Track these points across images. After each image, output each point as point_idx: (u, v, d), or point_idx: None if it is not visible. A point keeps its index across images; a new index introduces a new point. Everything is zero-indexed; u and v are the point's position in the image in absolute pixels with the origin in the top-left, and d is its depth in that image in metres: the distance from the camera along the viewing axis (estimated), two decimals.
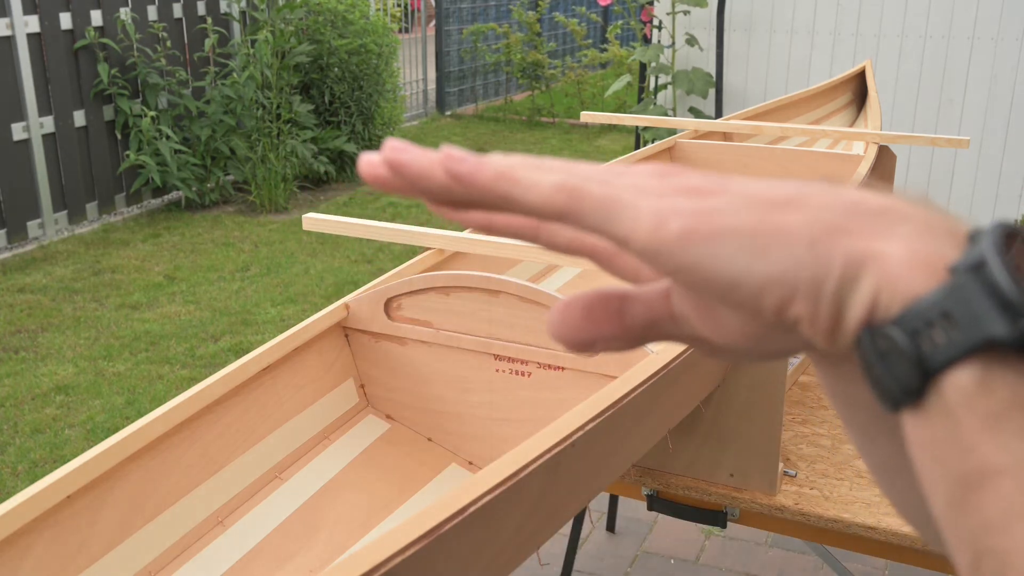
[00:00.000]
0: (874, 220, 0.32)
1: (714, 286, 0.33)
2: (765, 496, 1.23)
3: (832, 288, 0.31)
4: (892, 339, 0.30)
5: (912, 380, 0.30)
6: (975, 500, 0.28)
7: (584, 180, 0.34)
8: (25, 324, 3.67)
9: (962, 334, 0.29)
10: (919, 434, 0.30)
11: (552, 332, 0.40)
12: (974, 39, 4.17)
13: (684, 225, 0.32)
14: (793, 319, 0.32)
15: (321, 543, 1.03)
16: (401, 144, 0.35)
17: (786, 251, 0.32)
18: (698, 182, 0.34)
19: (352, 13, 5.70)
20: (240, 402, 1.08)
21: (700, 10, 4.62)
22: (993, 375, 0.29)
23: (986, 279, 0.29)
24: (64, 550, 0.88)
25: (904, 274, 0.30)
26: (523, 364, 1.16)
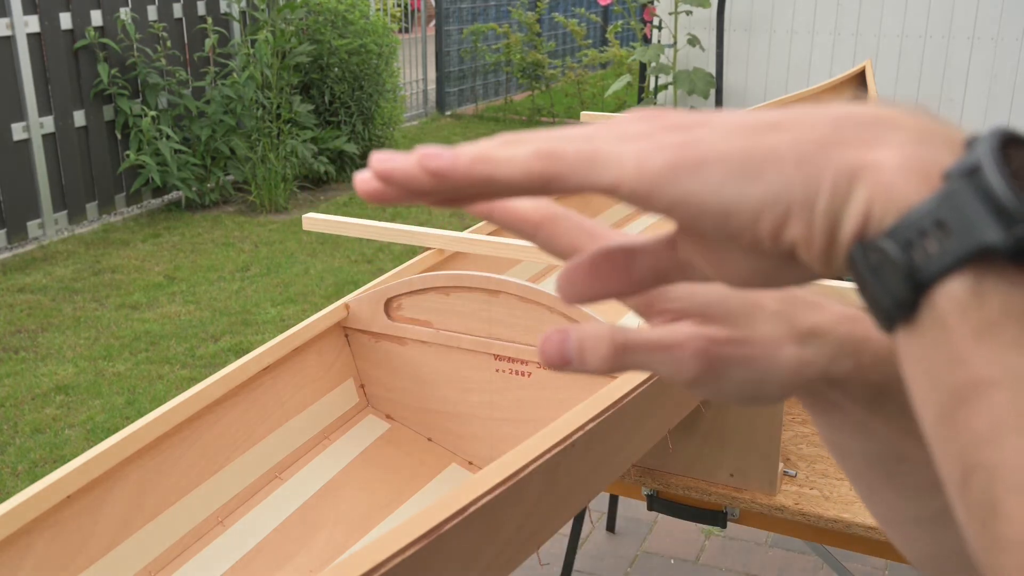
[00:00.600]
0: (865, 130, 0.30)
1: (708, 217, 0.32)
2: (765, 496, 1.23)
3: (824, 204, 0.30)
4: (884, 251, 0.29)
5: (905, 292, 0.29)
6: (965, 413, 0.28)
7: (560, 141, 0.33)
8: (25, 324, 3.67)
9: (955, 242, 0.28)
10: (912, 350, 0.29)
11: (561, 293, 0.39)
12: (974, 39, 4.17)
13: (669, 158, 0.32)
14: (790, 242, 0.31)
15: (321, 543, 1.03)
16: (385, 155, 0.34)
17: (775, 172, 0.30)
18: (681, 118, 0.33)
19: (352, 13, 5.70)
20: (240, 402, 1.08)
21: (700, 10, 4.63)
22: (987, 284, 0.28)
23: (981, 184, 0.28)
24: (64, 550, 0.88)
25: (897, 182, 0.29)
26: (523, 364, 1.16)
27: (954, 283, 0.28)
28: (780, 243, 0.32)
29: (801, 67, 4.49)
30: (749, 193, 0.31)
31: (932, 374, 0.29)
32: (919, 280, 0.28)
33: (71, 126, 4.72)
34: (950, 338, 0.28)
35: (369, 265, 4.33)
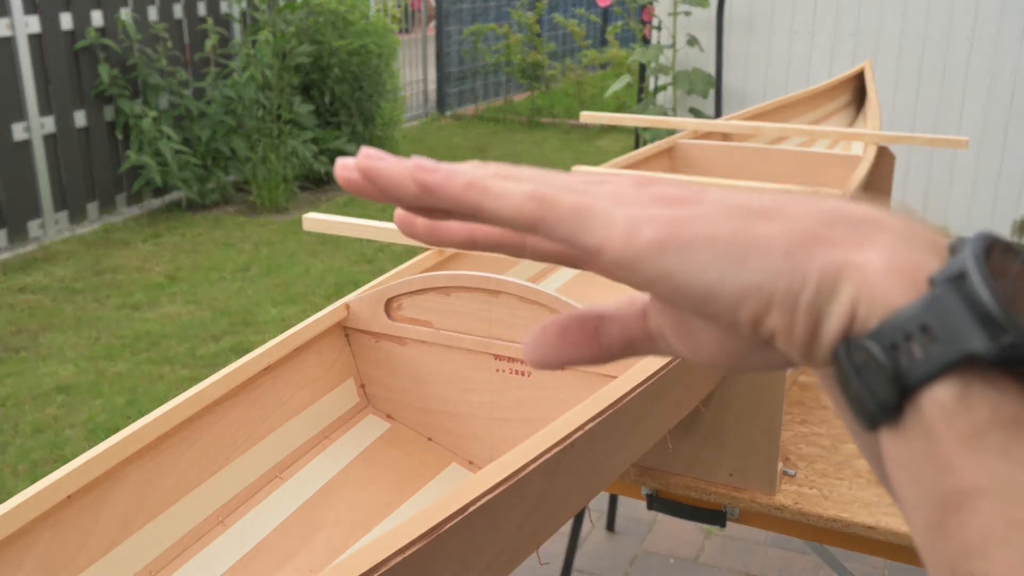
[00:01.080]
0: (853, 230, 0.31)
1: (689, 297, 0.32)
2: (765, 496, 1.24)
3: (808, 299, 0.30)
4: (869, 352, 0.29)
5: (889, 395, 0.29)
6: (954, 522, 0.27)
7: (556, 189, 0.33)
8: (26, 324, 3.67)
9: (941, 349, 0.28)
10: (897, 452, 0.29)
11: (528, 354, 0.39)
12: (974, 39, 4.17)
13: (658, 233, 0.31)
14: (769, 332, 0.31)
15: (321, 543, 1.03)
16: (376, 152, 0.34)
17: (762, 261, 0.31)
18: (675, 191, 0.33)
19: (352, 14, 5.70)
20: (240, 402, 1.08)
21: (700, 11, 4.63)
22: (973, 391, 0.28)
23: (967, 291, 0.28)
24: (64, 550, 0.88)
25: (883, 284, 0.29)
26: (523, 364, 1.16)
27: (940, 388, 0.28)
28: (759, 331, 0.32)
29: (801, 67, 4.49)
30: (734, 278, 0.31)
31: (919, 481, 0.28)
32: (904, 384, 0.28)
33: (72, 126, 4.73)
34: (936, 445, 0.28)
35: (369, 265, 4.33)
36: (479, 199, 0.33)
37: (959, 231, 2.72)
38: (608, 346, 0.39)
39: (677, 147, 2.10)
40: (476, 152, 6.82)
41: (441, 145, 7.07)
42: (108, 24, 4.87)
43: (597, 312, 0.39)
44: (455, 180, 0.33)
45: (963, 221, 4.33)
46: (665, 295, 0.32)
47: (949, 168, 4.34)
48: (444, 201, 0.34)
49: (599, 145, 7.04)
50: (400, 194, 0.34)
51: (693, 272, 0.31)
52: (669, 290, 0.32)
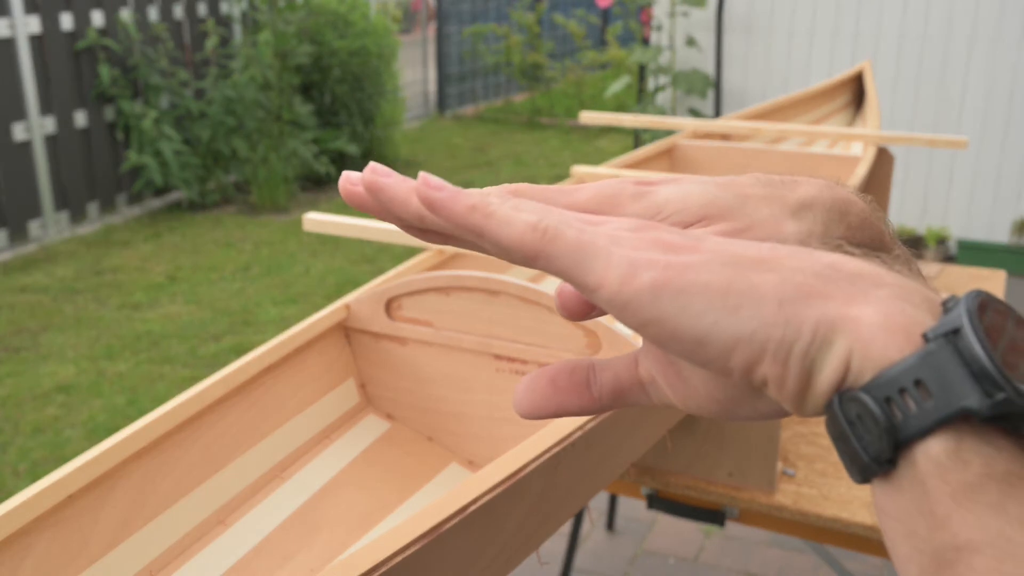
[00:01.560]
0: (848, 284, 0.31)
1: (682, 342, 0.32)
2: (764, 495, 1.24)
3: (802, 350, 0.30)
4: (864, 405, 0.29)
5: (883, 448, 0.29)
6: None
7: (559, 223, 0.33)
8: (26, 324, 3.67)
9: (935, 404, 0.28)
10: (890, 505, 0.30)
11: (517, 405, 0.40)
12: (973, 39, 4.17)
13: (655, 277, 0.32)
14: (761, 380, 0.32)
15: (322, 542, 1.04)
16: (384, 169, 0.35)
17: (756, 310, 0.31)
18: (674, 238, 0.34)
19: (353, 14, 5.70)
20: (241, 402, 1.08)
21: (699, 12, 4.63)
22: (966, 446, 0.28)
23: (961, 348, 0.28)
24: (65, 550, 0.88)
25: (878, 339, 0.29)
26: (523, 364, 1.16)
27: (933, 443, 0.28)
28: (751, 378, 0.32)
29: (800, 68, 4.50)
30: (727, 326, 0.31)
31: (912, 535, 0.29)
32: (898, 437, 0.29)
33: (72, 126, 4.73)
34: (930, 499, 0.28)
35: (369, 265, 4.33)
36: (482, 224, 0.33)
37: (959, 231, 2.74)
38: (599, 395, 0.39)
39: (676, 147, 2.10)
40: (476, 152, 6.82)
41: (441, 145, 7.07)
42: (109, 24, 4.88)
43: (587, 362, 0.40)
44: (460, 201, 0.33)
45: (963, 221, 4.34)
46: (658, 339, 0.33)
47: (949, 168, 4.34)
48: (446, 221, 0.34)
49: (599, 145, 7.04)
50: (402, 212, 0.35)
51: (687, 318, 0.31)
52: (662, 334, 0.32)
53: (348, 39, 5.68)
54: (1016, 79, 4.14)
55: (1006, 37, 4.12)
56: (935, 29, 4.23)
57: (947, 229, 4.33)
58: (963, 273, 2.03)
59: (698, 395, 0.36)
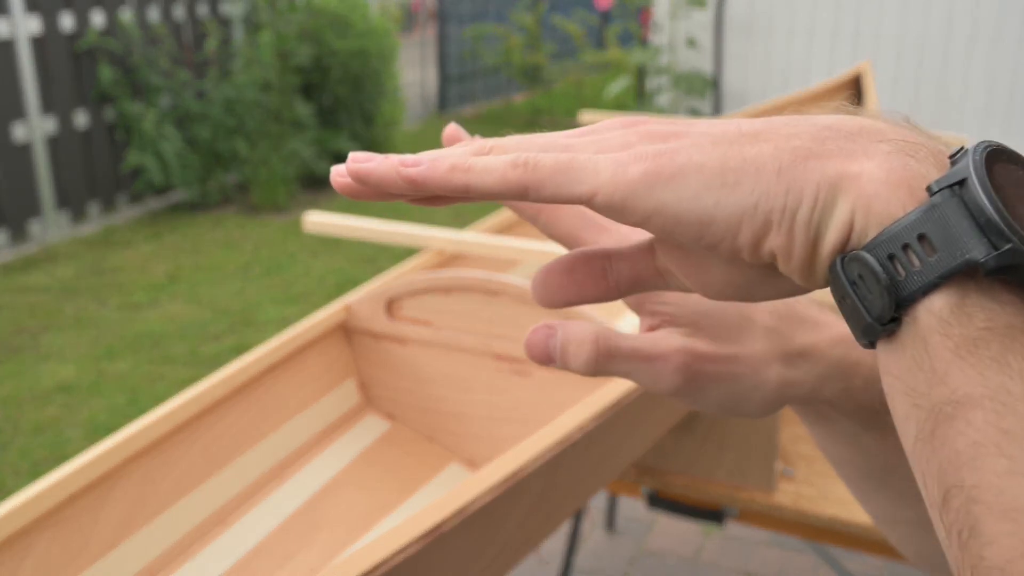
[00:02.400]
0: (848, 141, 0.30)
1: (686, 227, 0.31)
2: (764, 495, 1.24)
3: (805, 215, 0.29)
4: (866, 264, 0.28)
5: (885, 307, 0.28)
6: (945, 432, 0.27)
7: (539, 150, 0.33)
8: (27, 324, 3.67)
9: (939, 258, 0.27)
10: (892, 364, 0.29)
11: (535, 295, 0.39)
12: (973, 39, 4.17)
13: (646, 167, 0.31)
14: (770, 254, 0.31)
15: (322, 542, 1.04)
16: (362, 155, 0.35)
17: (755, 182, 0.30)
18: (663, 127, 0.33)
19: (353, 15, 5.70)
20: (241, 402, 1.08)
21: (698, 12, 4.63)
22: (970, 301, 0.27)
23: (966, 199, 0.27)
24: (65, 549, 0.88)
25: (880, 194, 0.28)
26: (523, 364, 1.16)
27: (937, 298, 0.27)
28: (759, 254, 0.31)
29: (800, 68, 4.50)
30: (727, 203, 0.30)
31: (912, 392, 0.28)
32: (901, 295, 0.28)
33: (73, 127, 4.73)
34: (931, 355, 0.27)
35: (370, 265, 4.34)
36: (464, 179, 0.33)
37: None
38: (616, 284, 0.38)
39: None
40: None
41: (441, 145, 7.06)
42: (109, 25, 4.88)
43: (603, 250, 0.39)
44: (438, 167, 0.33)
45: None
46: (662, 229, 0.32)
47: None
48: (433, 191, 0.34)
49: None
50: (395, 189, 0.35)
51: (687, 201, 0.30)
52: (665, 223, 0.31)
53: (348, 40, 5.68)
54: (1016, 79, 4.14)
55: (1006, 37, 4.12)
56: (935, 29, 4.23)
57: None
58: None
59: (715, 281, 0.35)
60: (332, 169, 0.36)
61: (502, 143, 0.34)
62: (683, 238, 0.32)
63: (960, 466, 0.26)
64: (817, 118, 0.32)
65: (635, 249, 0.38)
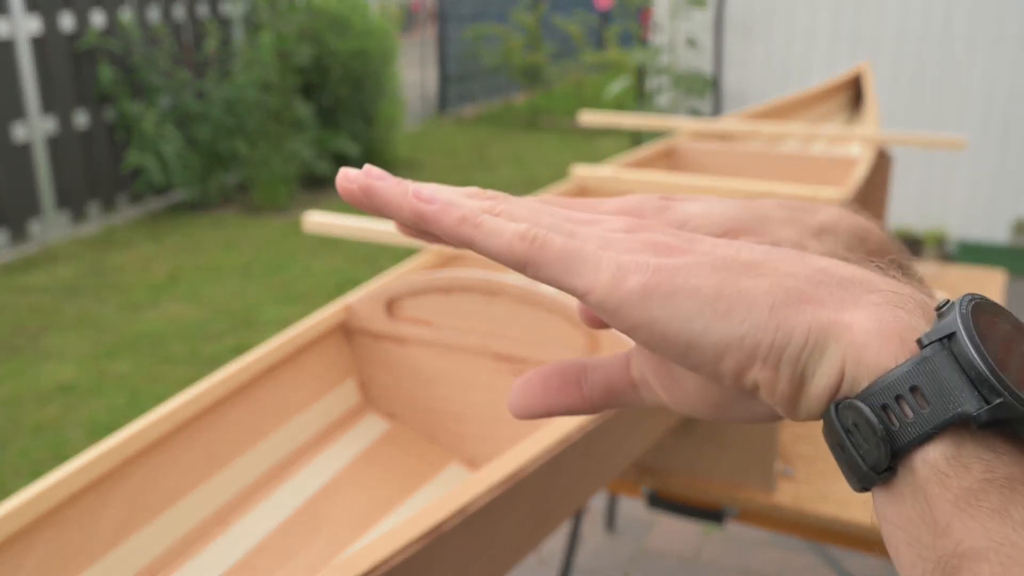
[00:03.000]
0: (840, 290, 0.31)
1: (672, 345, 0.32)
2: (763, 495, 1.24)
3: (793, 355, 0.30)
4: (860, 413, 0.29)
5: (881, 457, 0.29)
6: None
7: (548, 230, 0.33)
8: (27, 324, 3.67)
9: (932, 411, 0.28)
10: (891, 512, 0.29)
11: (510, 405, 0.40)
12: (973, 39, 4.17)
13: (645, 281, 0.32)
14: (752, 385, 0.32)
15: (322, 542, 1.04)
16: (379, 172, 0.35)
17: (747, 315, 0.31)
18: (667, 239, 0.34)
19: (353, 15, 5.70)
20: (241, 402, 1.08)
21: (698, 13, 4.63)
22: (966, 452, 0.28)
23: (956, 353, 0.28)
24: (66, 549, 0.88)
25: (871, 345, 0.29)
26: (523, 364, 1.16)
27: (932, 449, 0.28)
28: (741, 382, 0.32)
29: (800, 68, 4.50)
30: (718, 330, 0.31)
31: (915, 542, 0.28)
32: (897, 445, 0.29)
33: (73, 127, 4.73)
34: (931, 506, 0.28)
35: (369, 265, 4.34)
36: (471, 234, 0.34)
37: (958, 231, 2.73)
38: (589, 395, 0.39)
39: (676, 148, 2.10)
40: (476, 153, 6.82)
41: (441, 146, 7.07)
42: (109, 25, 4.88)
43: (580, 362, 0.40)
44: (450, 214, 0.34)
45: (962, 221, 4.33)
46: (648, 342, 0.32)
47: (948, 168, 4.34)
48: (437, 231, 0.34)
49: (599, 146, 7.04)
50: (396, 215, 0.35)
51: (677, 322, 0.31)
52: (652, 338, 0.32)
53: (348, 40, 5.68)
54: (1016, 79, 4.14)
55: (1006, 37, 4.12)
56: (934, 29, 4.23)
57: (946, 229, 4.33)
58: (962, 273, 2.03)
59: (690, 397, 0.36)
60: (341, 171, 0.36)
61: (511, 209, 0.35)
62: (667, 354, 0.32)
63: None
64: (814, 260, 0.32)
65: (611, 360, 0.39)
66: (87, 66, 4.79)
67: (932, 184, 4.38)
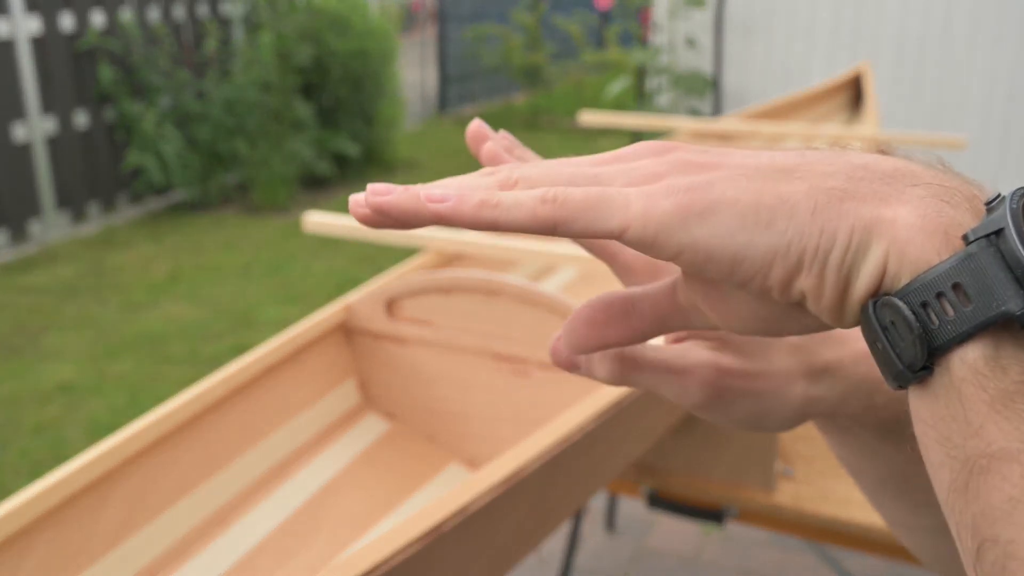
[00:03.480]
0: (883, 184, 0.29)
1: (717, 264, 0.31)
2: (763, 495, 1.24)
3: (838, 257, 0.29)
4: (898, 311, 0.28)
5: (918, 355, 0.28)
6: (980, 485, 0.27)
7: (566, 182, 0.33)
8: (27, 324, 3.67)
9: (974, 309, 0.27)
10: (924, 411, 0.29)
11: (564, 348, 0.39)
12: (973, 39, 4.17)
13: (677, 203, 0.30)
14: (799, 293, 0.31)
15: (322, 542, 1.04)
16: (382, 187, 0.34)
17: (789, 221, 0.29)
18: (695, 157, 0.32)
19: (353, 16, 5.70)
20: (241, 402, 1.08)
21: (698, 12, 4.63)
22: (1005, 353, 0.27)
23: (1003, 250, 0.27)
24: (66, 549, 0.88)
25: (915, 240, 0.28)
26: (523, 364, 1.16)
27: (970, 349, 0.27)
28: (789, 293, 0.31)
29: (800, 68, 4.50)
30: (760, 241, 0.30)
31: (946, 441, 0.28)
32: (934, 344, 0.28)
33: (73, 127, 4.73)
34: (965, 407, 0.27)
35: (369, 265, 4.34)
36: (493, 215, 0.33)
37: None
38: (640, 327, 0.38)
39: None
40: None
41: (441, 146, 7.07)
42: (109, 25, 4.88)
43: (625, 294, 0.39)
44: (466, 204, 0.33)
45: None
46: (693, 264, 0.31)
47: None
48: (461, 225, 0.34)
49: (599, 146, 7.05)
50: (418, 221, 0.34)
51: (719, 238, 0.30)
52: (697, 259, 0.31)
53: (348, 40, 5.67)
54: (1016, 79, 4.14)
55: (1006, 37, 4.12)
56: (934, 29, 4.23)
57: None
58: None
59: (740, 315, 0.35)
60: (351, 199, 0.35)
61: (527, 175, 0.34)
62: (713, 274, 0.31)
63: (995, 520, 0.26)
64: (852, 156, 0.31)
65: (656, 289, 0.38)
66: (87, 66, 4.79)
67: None
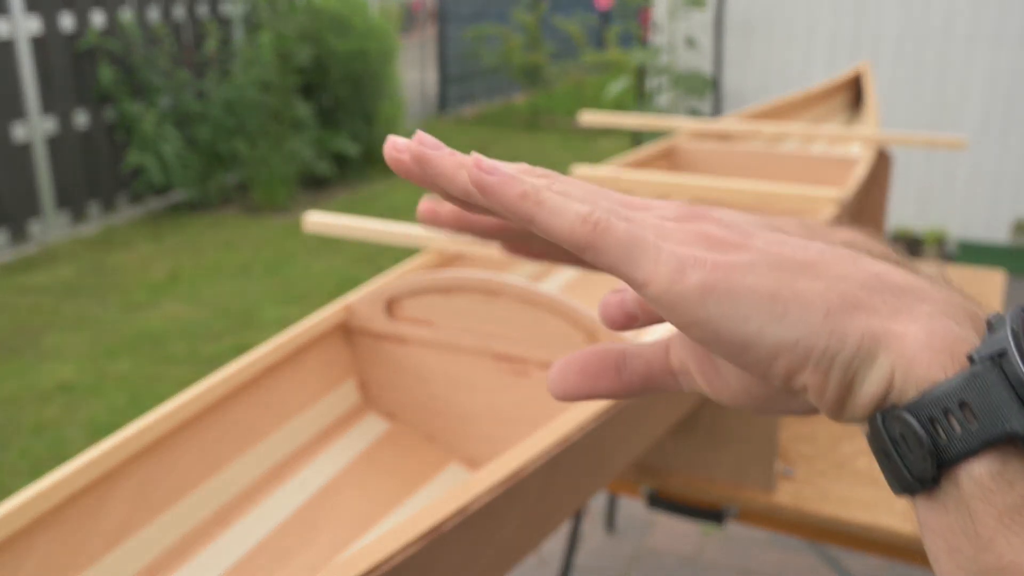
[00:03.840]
0: (894, 298, 0.31)
1: (726, 345, 0.32)
2: (763, 495, 1.24)
3: (844, 361, 0.31)
4: (908, 425, 0.29)
5: (927, 469, 0.29)
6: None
7: (609, 214, 0.33)
8: (27, 324, 3.67)
9: (980, 426, 0.28)
10: (933, 521, 0.30)
11: (551, 389, 0.40)
12: (973, 39, 4.17)
13: (704, 279, 0.32)
14: (800, 386, 0.32)
15: (322, 542, 1.04)
16: (433, 141, 0.34)
17: (802, 318, 0.31)
18: (720, 232, 0.34)
19: (353, 16, 5.70)
20: (241, 402, 1.08)
21: (698, 13, 4.63)
22: (1011, 468, 0.28)
23: (1007, 370, 0.28)
24: (66, 549, 0.88)
25: (921, 357, 0.29)
26: (523, 364, 1.16)
27: (978, 465, 0.28)
28: (790, 384, 0.32)
29: (800, 68, 4.50)
30: (773, 332, 0.31)
31: (956, 552, 0.29)
32: (942, 458, 0.29)
33: (73, 127, 4.73)
34: (975, 521, 0.28)
35: (369, 265, 4.34)
36: (533, 211, 0.33)
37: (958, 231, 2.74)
38: (629, 381, 0.40)
39: (676, 149, 2.10)
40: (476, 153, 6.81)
41: None
42: (109, 25, 4.88)
43: (618, 348, 0.40)
44: (512, 187, 0.33)
45: (962, 221, 4.33)
46: (702, 339, 0.32)
47: (948, 168, 4.34)
48: (496, 205, 0.33)
49: (599, 146, 7.04)
50: (448, 186, 0.34)
51: (733, 322, 0.31)
52: (707, 335, 0.32)
53: (348, 40, 5.67)
54: (1016, 79, 4.14)
55: (1006, 37, 4.12)
56: (934, 29, 4.23)
57: (946, 229, 4.33)
58: (962, 274, 2.03)
59: (732, 390, 0.36)
60: (389, 140, 0.35)
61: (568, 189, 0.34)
62: (719, 352, 0.33)
63: None
64: (868, 264, 0.32)
65: (650, 348, 0.40)
66: (87, 66, 4.79)
67: (932, 184, 4.38)
